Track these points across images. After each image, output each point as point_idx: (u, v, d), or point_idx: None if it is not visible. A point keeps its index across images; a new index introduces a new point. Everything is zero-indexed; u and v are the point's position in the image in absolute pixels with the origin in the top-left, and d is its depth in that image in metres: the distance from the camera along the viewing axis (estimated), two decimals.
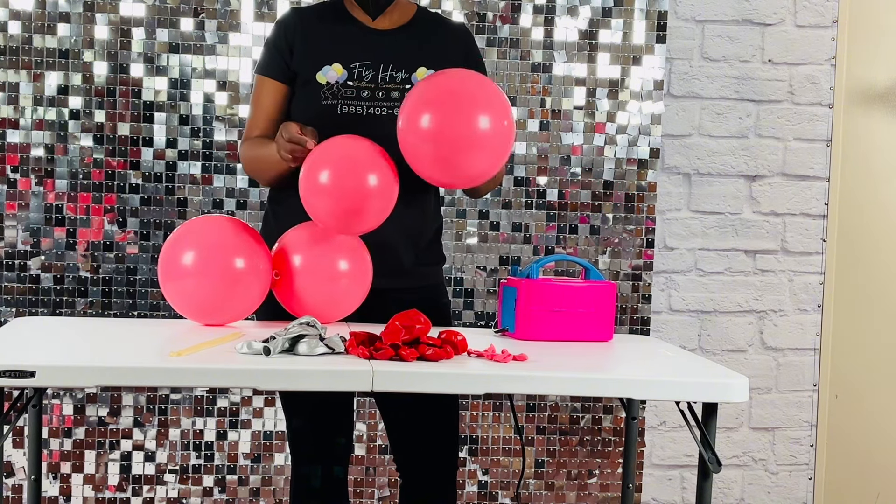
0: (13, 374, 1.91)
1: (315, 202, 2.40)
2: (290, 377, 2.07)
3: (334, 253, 2.47)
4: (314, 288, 2.46)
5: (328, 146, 2.42)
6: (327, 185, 2.37)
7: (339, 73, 2.57)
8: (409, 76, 2.57)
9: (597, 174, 3.61)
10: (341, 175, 2.37)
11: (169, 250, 2.41)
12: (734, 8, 3.70)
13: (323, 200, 2.38)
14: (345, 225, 2.42)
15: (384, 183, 2.40)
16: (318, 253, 2.46)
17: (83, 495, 3.47)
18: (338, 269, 2.47)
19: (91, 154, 3.43)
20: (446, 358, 2.16)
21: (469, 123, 2.32)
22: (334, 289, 2.47)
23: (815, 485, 3.85)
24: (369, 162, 2.40)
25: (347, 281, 2.47)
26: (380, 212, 2.42)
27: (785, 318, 3.81)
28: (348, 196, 2.37)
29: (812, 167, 3.78)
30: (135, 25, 3.42)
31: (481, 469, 3.60)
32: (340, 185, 2.37)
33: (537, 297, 2.47)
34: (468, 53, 2.66)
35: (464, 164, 2.35)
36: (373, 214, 2.41)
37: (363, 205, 2.38)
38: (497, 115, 2.34)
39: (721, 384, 2.12)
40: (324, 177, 2.37)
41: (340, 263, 2.47)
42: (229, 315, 2.45)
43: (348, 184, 2.37)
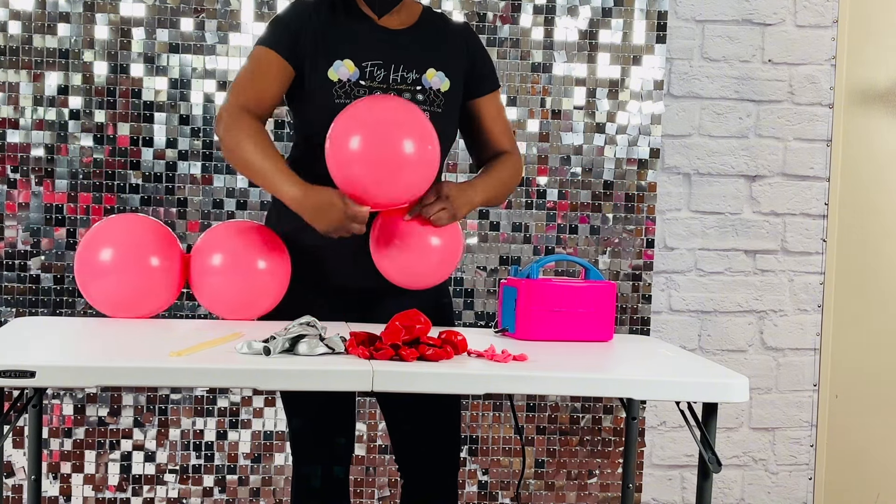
0: (13, 374, 1.91)
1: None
2: (290, 377, 2.07)
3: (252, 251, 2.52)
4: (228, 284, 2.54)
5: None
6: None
7: (350, 70, 2.53)
8: (420, 77, 2.56)
9: (597, 174, 3.61)
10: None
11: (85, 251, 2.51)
12: (734, 8, 3.70)
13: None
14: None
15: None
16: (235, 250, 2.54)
17: (83, 495, 3.47)
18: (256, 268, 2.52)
19: (91, 154, 3.43)
20: (446, 358, 2.15)
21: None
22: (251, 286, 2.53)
23: (815, 485, 3.85)
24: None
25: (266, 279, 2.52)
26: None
27: (785, 318, 3.81)
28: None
29: (812, 167, 3.78)
30: (135, 25, 3.42)
31: (481, 469, 3.60)
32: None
33: (537, 297, 2.47)
34: (472, 51, 2.65)
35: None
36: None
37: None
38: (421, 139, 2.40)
39: (721, 384, 2.11)
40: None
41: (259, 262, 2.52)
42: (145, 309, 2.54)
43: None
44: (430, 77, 2.57)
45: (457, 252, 2.58)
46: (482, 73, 2.66)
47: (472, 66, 2.63)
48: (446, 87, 2.58)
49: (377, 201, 2.43)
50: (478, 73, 2.64)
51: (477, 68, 2.64)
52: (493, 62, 2.71)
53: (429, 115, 2.53)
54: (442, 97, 2.57)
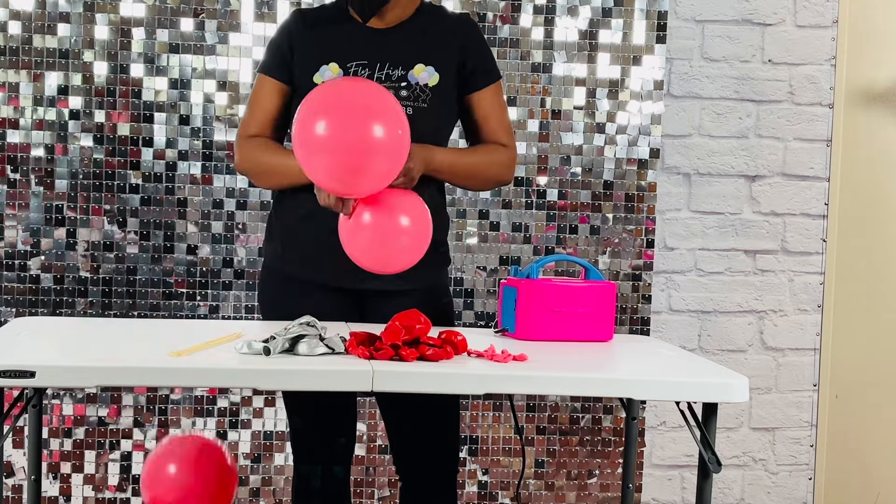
0: (13, 374, 1.91)
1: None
2: (290, 377, 2.07)
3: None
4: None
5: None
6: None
7: (335, 72, 2.55)
8: (406, 73, 2.55)
9: (597, 174, 3.61)
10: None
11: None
12: (734, 8, 3.70)
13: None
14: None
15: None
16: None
17: (83, 495, 3.47)
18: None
19: (91, 154, 3.43)
20: (446, 358, 2.15)
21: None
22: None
23: (815, 485, 3.85)
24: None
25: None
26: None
27: (785, 318, 3.81)
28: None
29: (812, 167, 3.78)
30: (135, 25, 3.42)
31: (481, 469, 3.60)
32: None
33: (537, 297, 2.47)
34: (466, 45, 2.61)
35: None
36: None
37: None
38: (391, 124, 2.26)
39: (721, 384, 2.11)
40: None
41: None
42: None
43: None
44: (417, 73, 2.56)
45: (425, 223, 2.40)
46: (476, 68, 2.61)
47: (465, 60, 2.60)
48: (435, 81, 2.56)
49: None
50: (471, 68, 2.60)
51: (470, 62, 2.60)
52: (492, 56, 2.66)
53: (412, 111, 2.51)
54: (429, 92, 2.55)
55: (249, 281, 3.49)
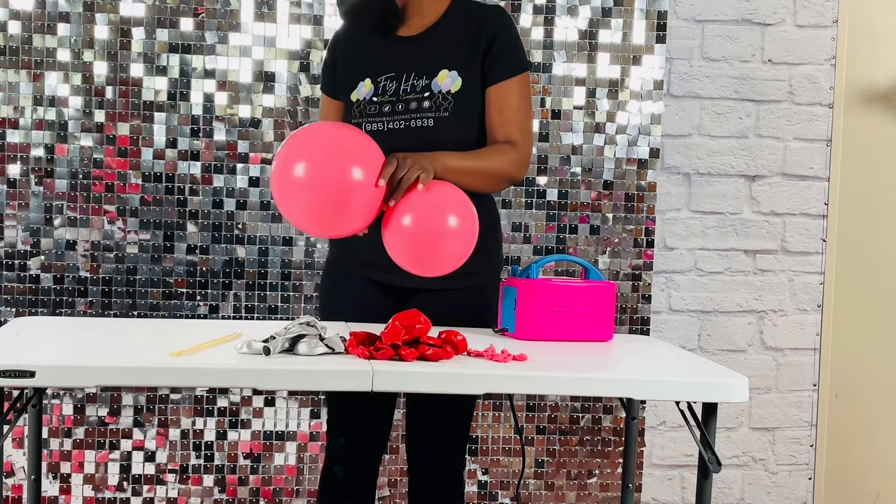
0: (13, 374, 1.91)
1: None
2: (289, 377, 2.07)
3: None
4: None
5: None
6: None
7: (368, 88, 2.56)
8: (430, 83, 2.52)
9: (597, 174, 3.61)
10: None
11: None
12: (734, 8, 3.70)
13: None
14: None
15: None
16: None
17: (83, 495, 3.47)
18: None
19: (91, 154, 3.43)
20: (446, 358, 2.16)
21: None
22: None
23: (815, 485, 3.85)
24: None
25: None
26: None
27: (785, 318, 3.81)
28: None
29: (812, 167, 3.78)
30: (135, 25, 3.42)
31: (481, 469, 3.60)
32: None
33: (537, 297, 2.47)
34: (493, 37, 2.51)
35: None
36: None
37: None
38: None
39: (721, 384, 2.12)
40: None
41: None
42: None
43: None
44: (441, 80, 2.52)
45: (470, 222, 2.36)
46: (498, 58, 2.51)
47: (487, 52, 2.52)
48: (457, 86, 2.52)
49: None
50: (492, 59, 2.52)
51: (492, 53, 2.51)
52: (520, 48, 2.56)
53: (433, 122, 2.50)
54: (451, 99, 2.51)
55: (249, 281, 3.49)
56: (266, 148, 3.46)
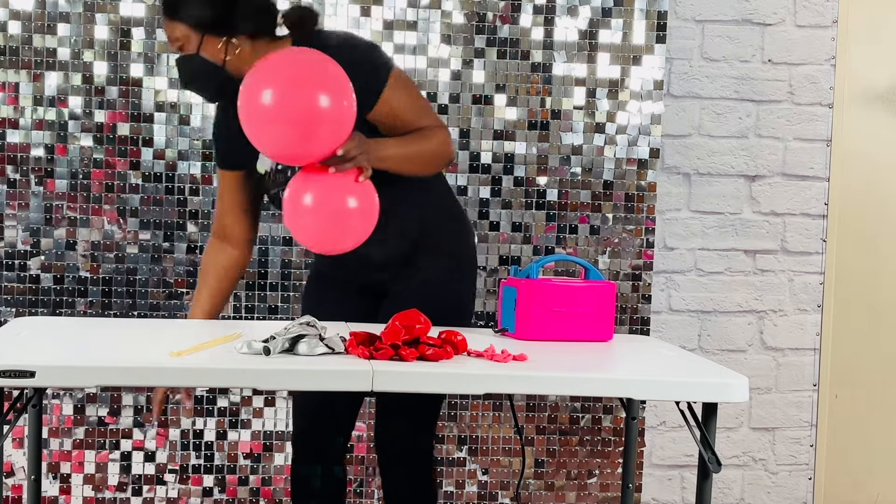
0: (13, 374, 1.91)
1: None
2: (289, 377, 2.07)
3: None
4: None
5: None
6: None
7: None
8: None
9: (597, 174, 3.61)
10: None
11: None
12: (734, 8, 3.70)
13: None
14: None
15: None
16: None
17: (83, 495, 3.47)
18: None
19: (91, 154, 3.43)
20: (446, 358, 2.16)
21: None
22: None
23: (815, 485, 3.85)
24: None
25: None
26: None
27: (785, 318, 3.81)
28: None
29: (812, 167, 3.78)
30: (135, 25, 3.41)
31: (481, 469, 3.60)
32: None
33: (537, 297, 2.47)
34: (355, 74, 2.41)
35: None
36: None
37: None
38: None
39: (721, 384, 2.12)
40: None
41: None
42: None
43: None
44: None
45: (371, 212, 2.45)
46: (359, 88, 2.41)
47: (354, 80, 2.40)
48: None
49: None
50: (362, 82, 2.44)
51: (359, 78, 2.42)
52: (367, 59, 2.55)
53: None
54: None
55: (249, 281, 3.49)
56: None
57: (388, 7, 3.48)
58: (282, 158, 2.41)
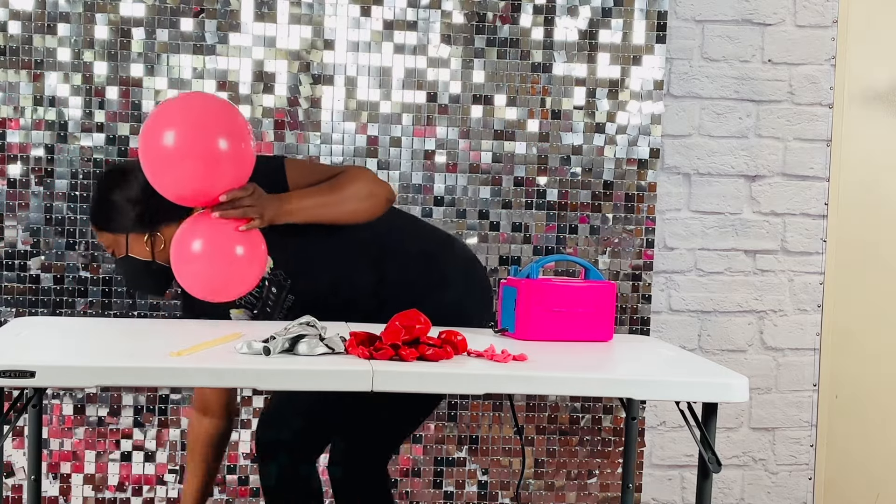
0: (13, 374, 1.91)
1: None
2: (290, 377, 2.07)
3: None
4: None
5: None
6: None
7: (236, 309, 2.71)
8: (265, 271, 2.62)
9: (597, 174, 3.61)
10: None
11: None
12: (734, 8, 3.70)
13: None
14: None
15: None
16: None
17: (83, 495, 3.47)
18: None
19: (91, 154, 3.43)
20: (446, 358, 2.16)
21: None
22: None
23: (815, 485, 3.85)
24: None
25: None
26: None
27: (785, 318, 3.81)
28: None
29: (812, 167, 3.78)
30: (135, 25, 3.41)
31: (481, 469, 3.60)
32: None
33: (537, 297, 2.47)
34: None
35: None
36: None
37: None
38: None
39: (721, 384, 2.12)
40: None
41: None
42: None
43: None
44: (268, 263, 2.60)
45: (258, 261, 2.51)
46: (271, 187, 2.55)
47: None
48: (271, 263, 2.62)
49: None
50: (270, 189, 2.55)
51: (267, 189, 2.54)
52: (267, 170, 2.61)
53: (290, 279, 2.63)
54: (282, 265, 2.63)
55: None
56: (266, 148, 3.46)
57: (388, 7, 3.48)
58: (183, 199, 2.49)
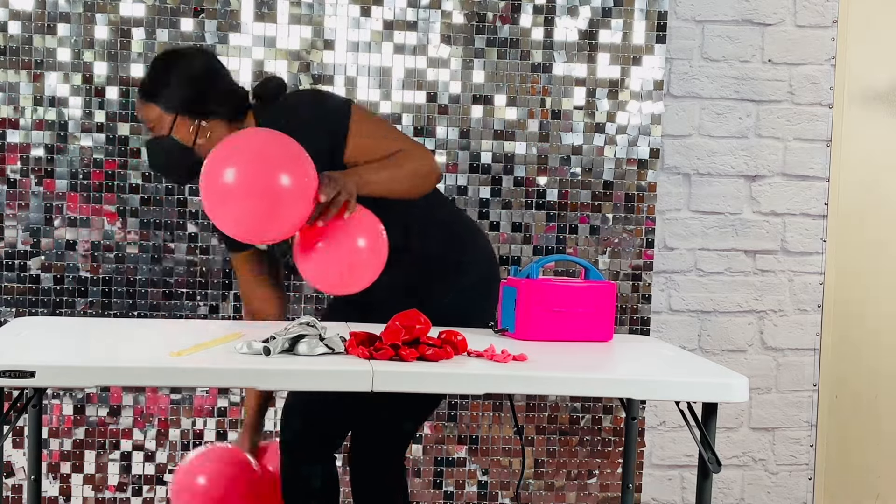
0: (13, 374, 1.91)
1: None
2: (290, 377, 2.07)
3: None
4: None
5: None
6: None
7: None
8: None
9: (597, 174, 3.61)
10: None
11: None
12: (734, 8, 3.70)
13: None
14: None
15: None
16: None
17: (83, 495, 3.47)
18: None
19: (91, 154, 3.43)
20: (446, 358, 2.16)
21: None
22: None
23: (815, 485, 3.85)
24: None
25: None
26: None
27: (785, 318, 3.81)
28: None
29: (812, 167, 3.78)
30: (135, 25, 3.42)
31: (481, 469, 3.60)
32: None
33: (537, 297, 2.47)
34: (310, 125, 2.53)
35: None
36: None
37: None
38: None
39: (721, 384, 2.12)
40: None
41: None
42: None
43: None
44: None
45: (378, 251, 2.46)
46: (323, 130, 2.53)
47: (318, 139, 2.50)
48: None
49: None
50: (322, 133, 2.53)
51: (320, 130, 2.53)
52: (324, 104, 2.60)
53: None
54: None
55: None
56: None
57: (388, 7, 3.48)
58: (245, 235, 2.42)
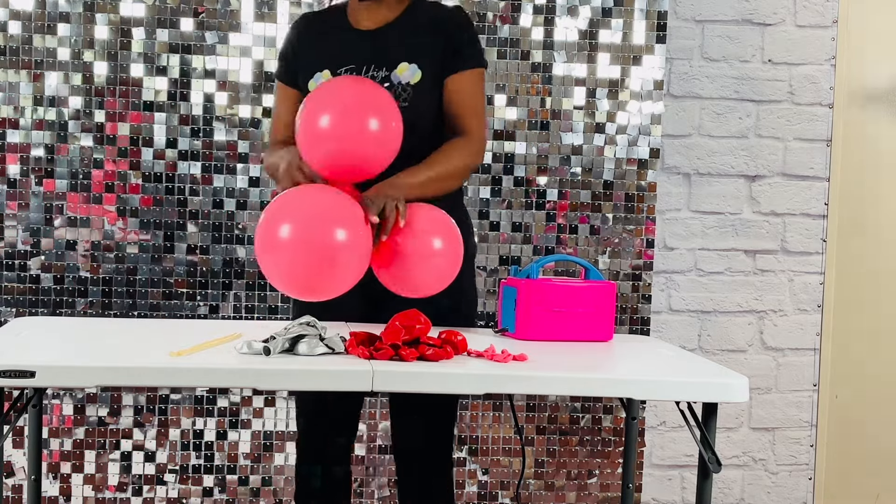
0: (13, 374, 1.91)
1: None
2: (290, 377, 2.07)
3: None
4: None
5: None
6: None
7: (326, 78, 2.59)
8: (389, 74, 2.56)
9: (597, 174, 3.61)
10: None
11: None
12: (734, 8, 3.70)
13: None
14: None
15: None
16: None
17: (83, 495, 3.47)
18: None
19: (91, 154, 3.43)
20: (446, 358, 2.16)
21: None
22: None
23: (815, 485, 3.85)
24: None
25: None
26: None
27: (785, 318, 3.81)
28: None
29: (812, 167, 3.78)
30: (135, 25, 3.42)
31: (481, 469, 3.60)
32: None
33: (537, 297, 2.47)
34: (452, 34, 2.58)
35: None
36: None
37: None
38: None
39: (721, 384, 2.12)
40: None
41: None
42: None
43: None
44: (400, 72, 2.56)
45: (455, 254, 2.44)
46: (454, 50, 2.58)
47: (445, 46, 2.57)
48: (417, 78, 2.56)
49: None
50: (450, 51, 2.58)
51: (450, 46, 2.58)
52: (478, 46, 2.63)
53: None
54: (410, 90, 2.55)
55: (249, 281, 3.49)
56: (266, 148, 3.46)
57: None
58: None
